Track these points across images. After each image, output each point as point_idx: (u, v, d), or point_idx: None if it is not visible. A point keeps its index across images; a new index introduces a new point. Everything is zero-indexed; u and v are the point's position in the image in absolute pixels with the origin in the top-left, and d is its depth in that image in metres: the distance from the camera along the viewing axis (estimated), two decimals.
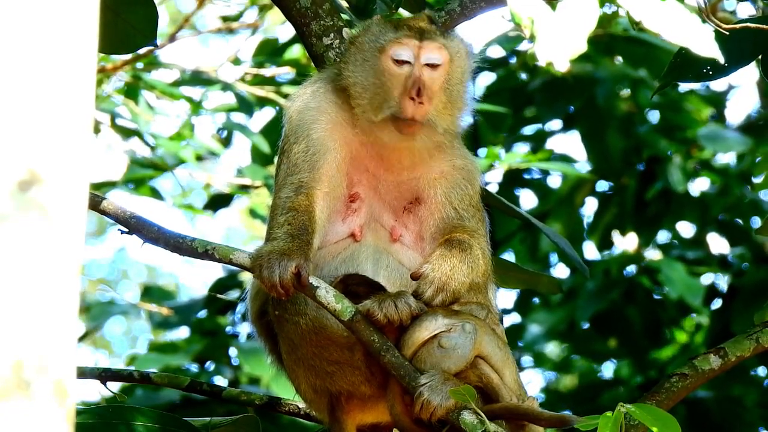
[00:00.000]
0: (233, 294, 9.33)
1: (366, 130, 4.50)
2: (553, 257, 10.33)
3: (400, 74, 4.45)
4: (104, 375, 5.02)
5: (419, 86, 4.40)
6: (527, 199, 10.38)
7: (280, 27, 10.51)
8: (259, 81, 8.85)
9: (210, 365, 9.26)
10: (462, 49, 4.56)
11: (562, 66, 3.13)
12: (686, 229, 10.43)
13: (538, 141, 10.06)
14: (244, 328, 9.48)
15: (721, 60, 3.25)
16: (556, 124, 10.02)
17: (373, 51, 4.51)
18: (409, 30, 4.50)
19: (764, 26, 4.62)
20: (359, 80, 4.50)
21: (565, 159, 9.79)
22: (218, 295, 9.00)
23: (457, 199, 4.54)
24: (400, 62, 4.46)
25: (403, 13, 4.78)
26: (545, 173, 10.03)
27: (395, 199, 4.54)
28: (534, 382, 11.34)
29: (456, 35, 4.62)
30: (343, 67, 4.57)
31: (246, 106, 8.61)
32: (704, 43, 3.24)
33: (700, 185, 10.26)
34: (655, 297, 9.96)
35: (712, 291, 10.09)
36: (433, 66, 4.46)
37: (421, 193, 4.55)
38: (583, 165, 10.00)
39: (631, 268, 10.02)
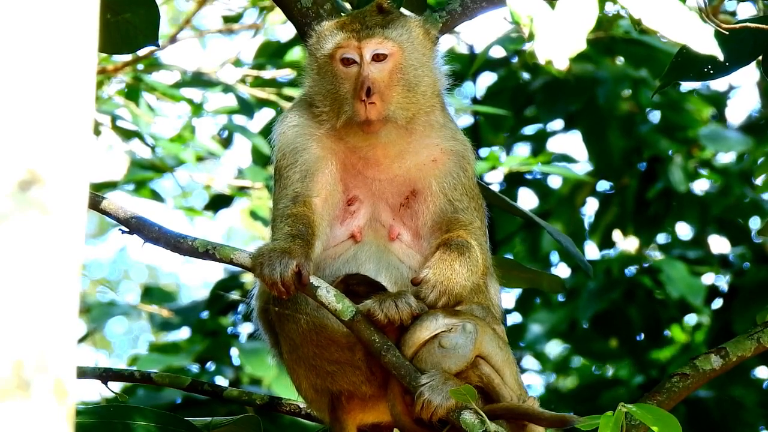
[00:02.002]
0: (234, 294, 9.33)
1: (342, 137, 4.50)
2: (554, 257, 10.32)
3: (351, 75, 4.43)
4: (105, 375, 5.01)
5: (368, 86, 4.36)
6: (528, 200, 10.39)
7: (280, 26, 10.50)
8: (260, 83, 8.86)
9: (211, 365, 9.25)
10: (414, 33, 4.50)
11: (561, 64, 3.12)
12: (687, 229, 10.43)
13: (539, 141, 10.06)
14: (246, 329, 9.48)
15: (721, 57, 3.24)
16: (557, 124, 10.02)
17: (324, 57, 4.50)
18: (349, 30, 4.46)
19: (764, 26, 4.62)
20: (318, 89, 4.52)
21: (566, 159, 9.79)
22: (221, 293, 8.99)
23: (450, 189, 4.51)
24: (348, 63, 4.44)
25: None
26: (546, 173, 10.02)
27: (392, 195, 4.53)
28: (534, 382, 11.34)
29: (408, 19, 4.53)
30: (305, 78, 4.59)
31: (247, 107, 8.61)
32: (703, 41, 3.24)
33: (700, 185, 10.26)
34: (657, 297, 9.95)
35: (712, 291, 10.08)
36: (380, 58, 4.43)
37: (416, 184, 4.53)
38: (584, 165, 10.00)
39: (632, 268, 10.02)
